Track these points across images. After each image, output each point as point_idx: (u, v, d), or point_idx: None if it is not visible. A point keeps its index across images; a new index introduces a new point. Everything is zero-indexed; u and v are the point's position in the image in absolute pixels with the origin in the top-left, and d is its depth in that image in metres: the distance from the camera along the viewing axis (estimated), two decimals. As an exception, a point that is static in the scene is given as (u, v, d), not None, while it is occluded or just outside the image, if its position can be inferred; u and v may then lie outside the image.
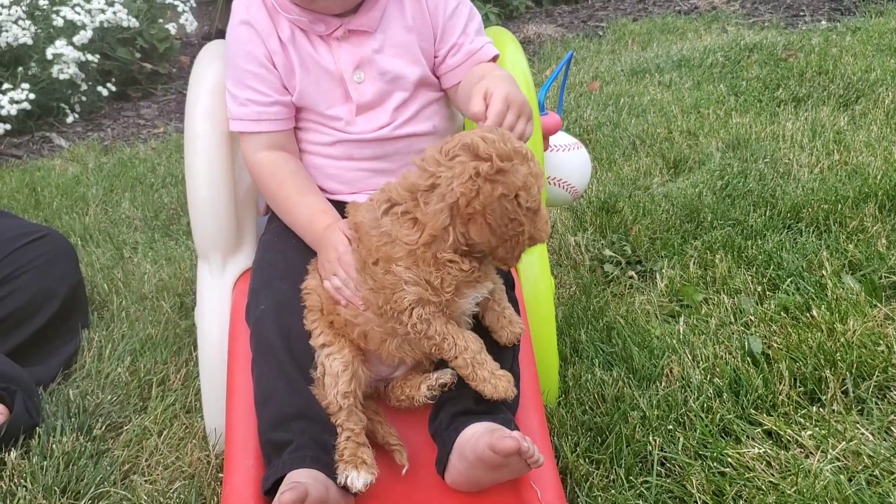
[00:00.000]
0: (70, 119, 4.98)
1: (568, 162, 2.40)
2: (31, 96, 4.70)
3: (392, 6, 1.90)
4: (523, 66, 2.11)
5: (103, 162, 4.15)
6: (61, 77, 4.84)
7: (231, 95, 1.93)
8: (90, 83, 5.11)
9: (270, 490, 1.64)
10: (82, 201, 3.56)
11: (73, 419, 2.10)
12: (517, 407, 1.77)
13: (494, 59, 1.98)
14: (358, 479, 1.62)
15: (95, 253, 3.05)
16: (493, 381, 1.64)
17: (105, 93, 5.16)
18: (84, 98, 5.09)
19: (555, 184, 2.36)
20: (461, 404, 1.71)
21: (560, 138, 2.40)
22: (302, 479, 1.57)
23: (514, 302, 1.78)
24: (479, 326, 1.72)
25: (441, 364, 1.75)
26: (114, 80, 5.29)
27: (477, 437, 1.61)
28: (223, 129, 1.99)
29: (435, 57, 1.96)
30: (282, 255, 1.88)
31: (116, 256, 3.03)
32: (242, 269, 2.03)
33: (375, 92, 1.91)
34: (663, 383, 2.11)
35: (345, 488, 1.62)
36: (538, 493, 1.66)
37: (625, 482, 1.79)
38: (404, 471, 1.72)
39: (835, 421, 1.92)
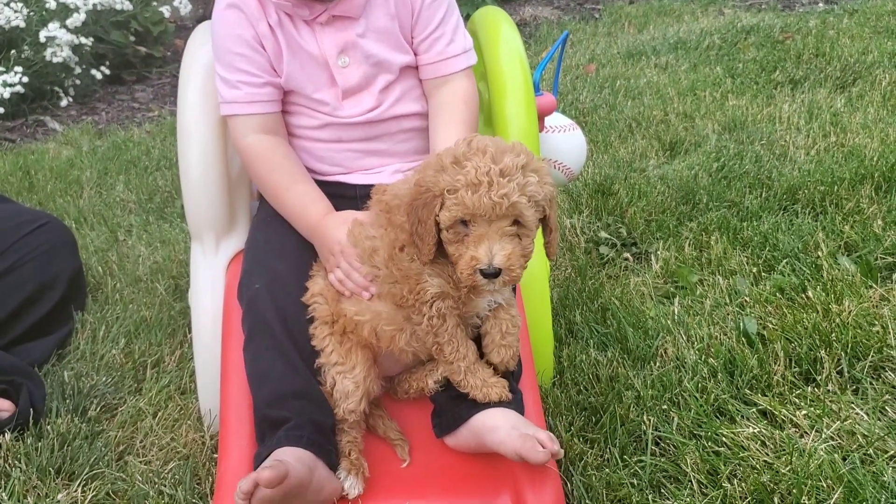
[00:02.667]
0: (64, 103, 4.95)
1: (563, 143, 2.39)
2: (25, 80, 4.67)
3: None
4: (518, 46, 2.10)
5: (97, 145, 4.13)
6: (55, 60, 4.81)
7: (222, 80, 1.91)
8: (84, 66, 5.08)
9: None
10: (76, 184, 3.55)
11: (67, 401, 2.10)
12: (520, 376, 1.78)
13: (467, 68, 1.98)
14: (355, 486, 1.66)
15: (90, 236, 3.04)
16: (484, 388, 1.67)
17: (99, 76, 5.13)
18: (78, 81, 5.06)
19: (550, 165, 2.35)
20: None
21: (555, 119, 2.39)
22: (286, 458, 1.57)
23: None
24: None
25: None
26: (108, 63, 5.26)
27: (501, 434, 1.62)
28: (216, 111, 1.98)
29: (411, 41, 1.96)
30: (275, 234, 1.88)
31: (111, 239, 3.02)
32: (236, 250, 2.03)
33: (361, 76, 1.91)
34: (658, 364, 2.10)
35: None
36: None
37: (619, 461, 1.79)
38: (405, 464, 1.74)
39: (829, 401, 1.91)
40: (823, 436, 1.80)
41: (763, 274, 2.49)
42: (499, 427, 1.65)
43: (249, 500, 1.49)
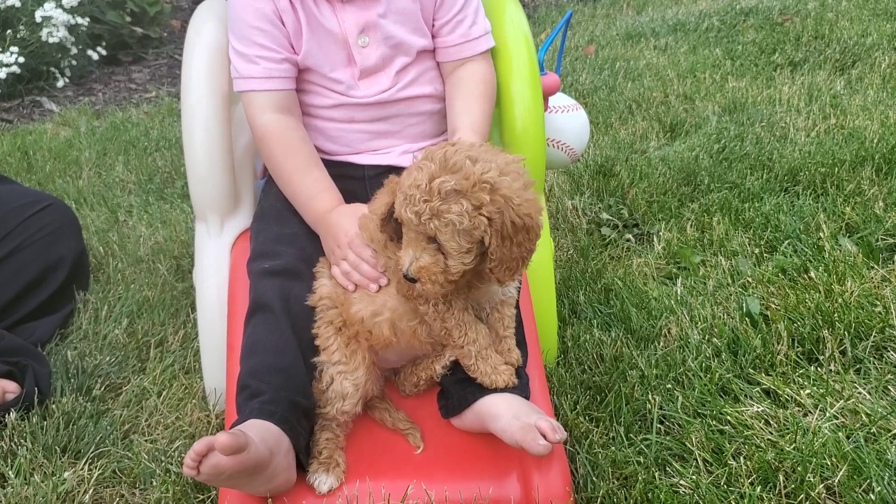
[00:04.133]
0: (60, 83, 4.92)
1: (567, 123, 2.38)
2: (21, 60, 4.64)
3: None
4: (524, 25, 2.09)
5: (95, 126, 4.11)
6: (51, 40, 4.78)
7: (238, 53, 1.88)
8: (80, 47, 5.05)
9: None
10: (75, 165, 3.53)
11: (71, 380, 2.10)
12: (526, 361, 1.79)
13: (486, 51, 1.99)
14: (325, 482, 1.63)
15: (90, 216, 3.03)
16: (493, 375, 1.67)
17: (95, 57, 5.10)
18: (74, 62, 5.03)
19: (553, 145, 2.35)
20: None
21: (559, 99, 2.39)
22: (252, 432, 1.51)
23: None
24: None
25: None
26: (104, 44, 5.23)
27: (503, 423, 1.62)
28: (220, 90, 1.97)
29: (432, 24, 1.95)
30: (285, 217, 1.86)
31: (111, 220, 3.01)
32: (240, 230, 2.02)
33: (379, 56, 1.90)
34: (661, 343, 2.11)
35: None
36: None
37: (624, 440, 1.80)
38: (418, 451, 1.73)
39: (832, 380, 1.92)
40: (827, 415, 1.81)
41: (765, 255, 2.50)
42: (501, 415, 1.64)
43: (199, 464, 1.43)
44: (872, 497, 1.57)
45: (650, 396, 1.89)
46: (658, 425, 1.84)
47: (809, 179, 2.90)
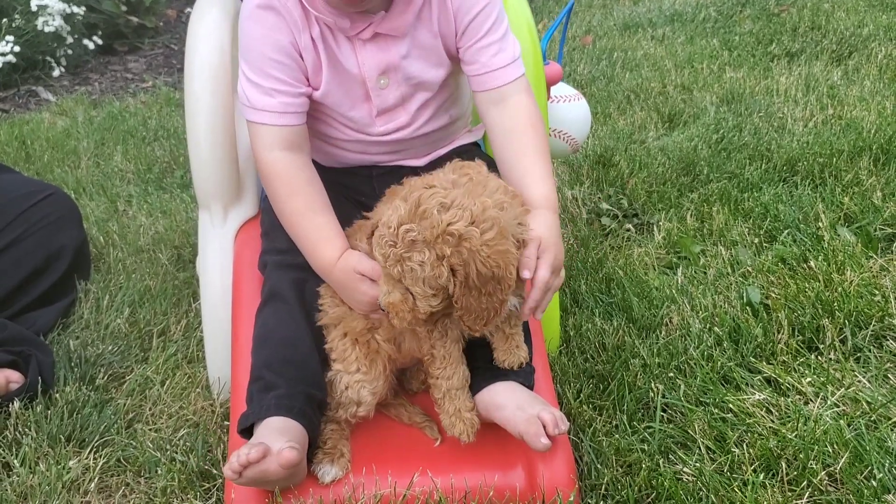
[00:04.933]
0: (56, 73, 4.90)
1: (568, 113, 2.39)
2: (16, 49, 4.62)
3: (424, 9, 1.75)
4: (527, 14, 2.09)
5: (93, 115, 4.10)
6: (46, 29, 4.76)
7: (252, 83, 1.75)
8: (76, 36, 5.03)
9: (246, 430, 1.64)
10: (73, 154, 3.53)
11: (75, 369, 2.10)
12: (532, 349, 1.79)
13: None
14: (329, 472, 1.64)
15: (90, 206, 3.03)
16: (453, 418, 1.67)
17: (91, 46, 5.08)
18: (70, 51, 5.01)
19: (555, 135, 2.36)
20: (489, 357, 1.72)
21: (561, 89, 2.39)
22: (284, 434, 1.55)
23: None
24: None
25: None
26: (100, 33, 5.21)
27: (507, 413, 1.63)
28: (223, 78, 1.97)
29: (456, 50, 1.82)
30: None
31: (111, 209, 3.00)
32: (244, 219, 2.03)
33: (398, 96, 1.81)
34: (663, 332, 2.12)
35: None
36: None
37: (628, 428, 1.81)
38: (437, 443, 1.73)
39: (833, 369, 1.94)
40: (828, 403, 1.82)
41: (765, 244, 2.51)
42: (506, 405, 1.65)
43: (244, 469, 1.47)
44: (874, 484, 1.58)
45: (653, 385, 1.90)
46: (661, 413, 1.85)
47: (808, 169, 2.91)
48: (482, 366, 1.72)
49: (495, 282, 1.47)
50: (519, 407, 1.63)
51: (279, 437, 1.52)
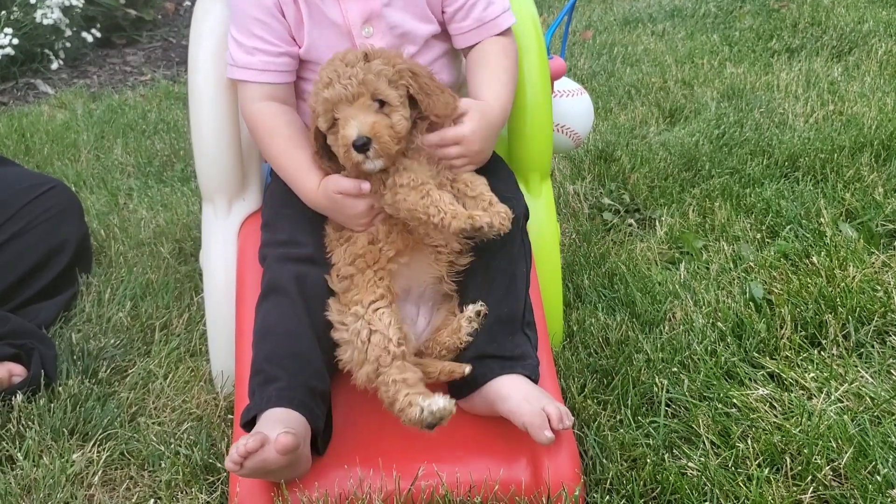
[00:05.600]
0: (55, 66, 4.89)
1: (571, 108, 2.38)
2: (15, 41, 4.60)
3: None
4: (531, 8, 2.09)
5: (92, 108, 4.09)
6: (45, 22, 4.75)
7: (236, 42, 1.86)
8: (74, 29, 5.01)
9: (249, 423, 1.64)
10: (73, 147, 3.52)
11: (77, 363, 2.10)
12: (537, 343, 1.79)
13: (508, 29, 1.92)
14: (438, 400, 1.57)
15: (90, 199, 3.02)
16: (489, 210, 1.68)
17: (90, 39, 5.07)
18: (68, 44, 5.00)
19: (558, 130, 2.35)
20: (491, 347, 1.72)
21: (563, 84, 2.39)
22: (284, 424, 1.55)
23: (524, 234, 1.82)
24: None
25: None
26: (98, 26, 5.19)
27: (512, 404, 1.64)
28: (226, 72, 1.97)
29: (443, 12, 1.90)
30: (296, 200, 1.85)
31: (111, 202, 3.00)
32: (248, 212, 2.02)
33: (384, 47, 1.82)
34: (666, 327, 2.12)
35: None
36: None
37: (632, 422, 1.82)
38: (467, 370, 1.70)
39: (836, 364, 1.94)
40: (832, 398, 1.83)
41: (767, 240, 2.51)
42: (510, 396, 1.66)
43: (244, 460, 1.47)
44: (878, 479, 1.59)
45: (657, 380, 1.90)
46: (665, 408, 1.85)
47: (809, 165, 2.91)
48: (488, 358, 1.72)
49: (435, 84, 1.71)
50: (525, 399, 1.64)
51: (278, 426, 1.52)
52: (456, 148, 1.72)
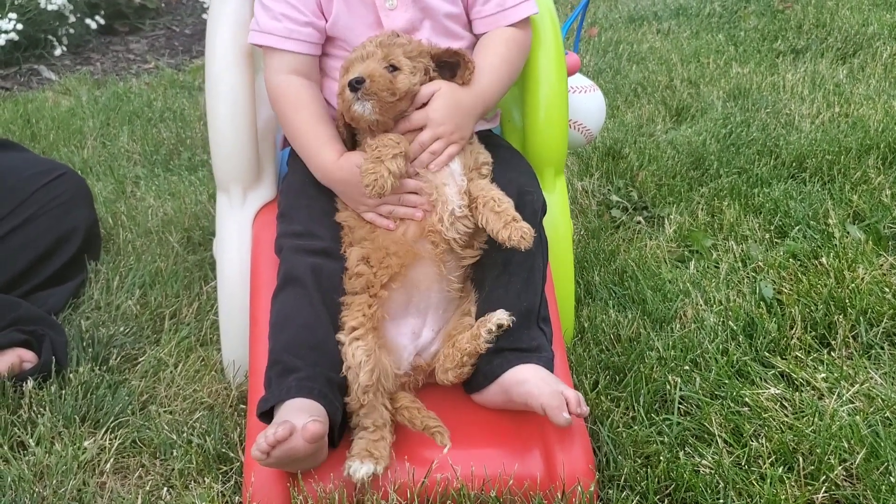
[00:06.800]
0: (58, 52, 4.87)
1: (584, 104, 2.38)
2: (19, 27, 4.58)
3: None
4: (548, 2, 2.08)
5: (97, 95, 4.07)
6: (49, 8, 4.73)
7: (263, 6, 1.86)
8: (78, 15, 4.99)
9: (265, 414, 1.64)
10: (79, 134, 3.50)
11: (87, 350, 2.09)
12: (552, 338, 1.79)
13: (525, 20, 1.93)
14: (360, 468, 1.59)
15: (97, 186, 3.00)
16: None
17: (94, 26, 5.04)
18: (72, 31, 4.98)
19: (571, 126, 2.35)
20: (507, 341, 1.72)
21: (576, 80, 2.39)
22: (308, 413, 1.56)
23: (542, 228, 1.82)
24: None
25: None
26: (102, 13, 5.17)
27: (530, 386, 1.64)
28: (245, 59, 1.96)
29: None
30: (313, 192, 1.85)
31: (118, 190, 2.99)
32: (263, 202, 2.01)
33: (407, 20, 1.86)
34: (677, 325, 2.13)
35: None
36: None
37: (645, 419, 1.82)
38: (445, 450, 1.67)
39: (846, 366, 1.95)
40: (843, 399, 1.83)
41: (776, 240, 2.52)
42: (528, 380, 1.66)
43: (272, 449, 1.47)
44: (892, 480, 1.60)
45: (670, 378, 1.91)
46: (678, 406, 1.86)
47: (816, 166, 2.92)
48: (505, 351, 1.72)
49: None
50: (542, 381, 1.65)
51: (302, 415, 1.52)
52: (426, 132, 1.75)
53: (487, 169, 1.80)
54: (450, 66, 1.81)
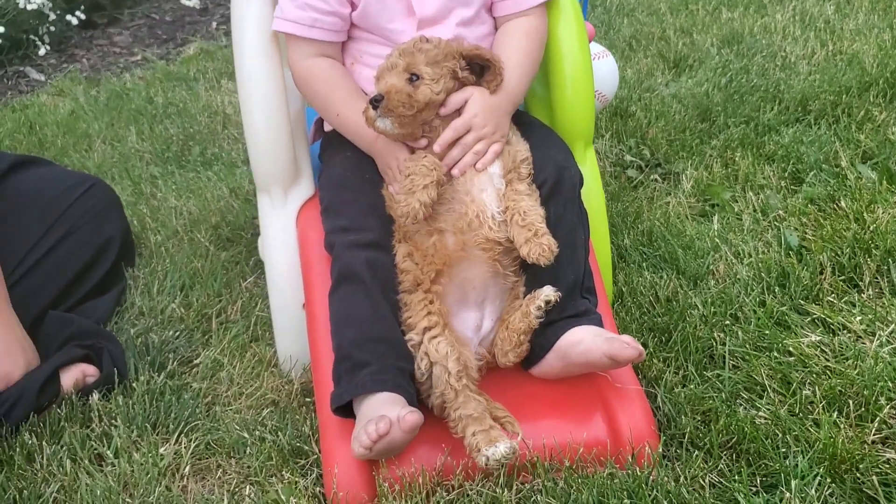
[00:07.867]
0: (42, 51, 4.82)
1: (598, 70, 2.41)
2: (1, 29, 4.53)
3: None
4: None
5: (94, 95, 4.05)
6: (28, 7, 4.67)
7: None
8: (58, 12, 4.93)
9: (341, 408, 1.71)
10: (85, 138, 3.50)
11: (144, 357, 2.13)
12: (597, 305, 1.86)
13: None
14: (499, 448, 1.61)
15: (115, 190, 3.01)
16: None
17: (75, 21, 4.99)
18: (53, 28, 4.92)
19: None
20: (556, 311, 1.78)
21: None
22: (395, 406, 1.62)
23: (581, 201, 1.88)
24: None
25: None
26: (82, 7, 5.11)
27: (587, 343, 1.71)
28: (275, 59, 1.99)
29: None
30: (357, 186, 1.89)
31: (137, 192, 3.00)
32: (304, 199, 2.05)
33: (439, 5, 1.89)
34: (712, 282, 2.20)
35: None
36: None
37: (697, 377, 1.89)
38: (519, 438, 1.70)
39: (879, 306, 2.03)
40: (881, 339, 1.91)
41: (792, 187, 2.59)
42: (583, 339, 1.73)
43: (374, 444, 1.55)
44: (941, 414, 1.68)
45: (715, 334, 1.98)
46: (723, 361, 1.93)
47: (820, 108, 2.98)
48: (556, 319, 1.79)
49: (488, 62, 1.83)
50: (597, 335, 1.72)
51: (392, 408, 1.60)
52: (470, 134, 1.80)
53: (527, 166, 1.83)
54: (479, 65, 1.84)
